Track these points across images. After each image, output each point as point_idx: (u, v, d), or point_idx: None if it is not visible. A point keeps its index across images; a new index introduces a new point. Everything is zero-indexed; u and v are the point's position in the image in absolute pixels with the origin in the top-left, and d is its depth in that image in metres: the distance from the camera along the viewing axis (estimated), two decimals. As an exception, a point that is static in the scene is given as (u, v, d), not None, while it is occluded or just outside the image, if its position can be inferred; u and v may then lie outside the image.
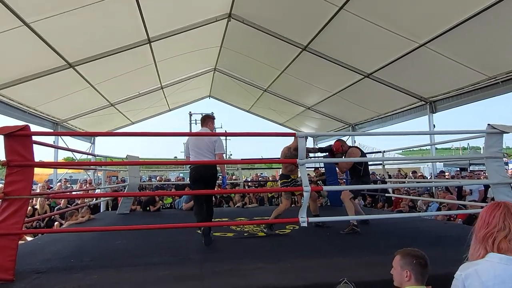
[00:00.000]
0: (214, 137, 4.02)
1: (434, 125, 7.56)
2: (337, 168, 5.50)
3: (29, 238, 5.02)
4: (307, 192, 3.14)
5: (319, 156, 6.47)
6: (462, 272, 1.26)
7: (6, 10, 4.53)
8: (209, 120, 4.18)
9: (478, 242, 1.31)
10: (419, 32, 5.57)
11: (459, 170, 13.74)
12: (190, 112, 21.99)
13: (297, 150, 3.43)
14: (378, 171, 10.69)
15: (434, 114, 7.50)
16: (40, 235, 4.68)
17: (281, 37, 7.19)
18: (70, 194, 7.01)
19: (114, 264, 2.98)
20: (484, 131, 3.60)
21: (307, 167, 4.81)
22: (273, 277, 2.51)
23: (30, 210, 6.26)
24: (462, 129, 6.96)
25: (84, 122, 10.09)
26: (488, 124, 3.55)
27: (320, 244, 3.82)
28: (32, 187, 2.81)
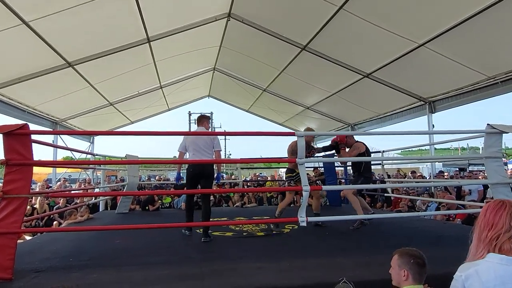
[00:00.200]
0: (211, 135, 4.17)
1: (433, 125, 7.55)
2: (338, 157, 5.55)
3: (28, 237, 5.02)
4: (306, 192, 3.14)
5: (318, 156, 6.45)
6: (462, 273, 1.24)
7: (5, 9, 4.52)
8: (204, 120, 4.40)
9: (482, 243, 1.26)
10: (418, 32, 5.56)
11: (458, 170, 13.79)
12: (189, 111, 21.90)
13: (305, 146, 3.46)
14: (377, 171, 10.70)
15: (433, 114, 7.50)
16: (39, 234, 4.67)
17: (280, 36, 7.18)
18: (69, 193, 7.01)
19: (113, 263, 2.97)
20: (483, 131, 3.59)
21: (307, 167, 4.81)
22: (272, 276, 2.51)
23: (29, 209, 6.25)
24: (461, 129, 6.91)
25: (83, 121, 10.07)
26: (488, 124, 3.55)
27: (319, 244, 3.82)
28: (31, 186, 2.81)
